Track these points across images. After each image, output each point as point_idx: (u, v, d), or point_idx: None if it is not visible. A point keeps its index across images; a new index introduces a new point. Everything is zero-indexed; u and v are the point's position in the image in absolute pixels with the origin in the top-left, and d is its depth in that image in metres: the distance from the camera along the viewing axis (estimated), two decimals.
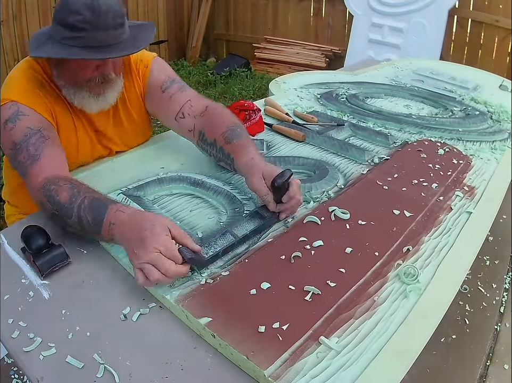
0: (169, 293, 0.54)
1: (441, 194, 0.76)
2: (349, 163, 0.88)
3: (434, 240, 0.65)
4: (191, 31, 3.58)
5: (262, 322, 0.49)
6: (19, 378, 0.75)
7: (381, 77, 1.47)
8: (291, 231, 0.65)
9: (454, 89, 1.35)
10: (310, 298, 0.53)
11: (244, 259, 0.60)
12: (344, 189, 0.77)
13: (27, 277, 0.59)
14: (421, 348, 0.49)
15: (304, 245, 0.62)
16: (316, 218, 0.67)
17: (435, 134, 1.01)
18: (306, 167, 0.86)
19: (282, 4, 3.36)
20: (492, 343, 0.55)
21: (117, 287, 0.58)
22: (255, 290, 0.54)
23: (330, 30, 3.22)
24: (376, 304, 0.54)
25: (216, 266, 0.59)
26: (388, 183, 0.78)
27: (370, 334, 0.49)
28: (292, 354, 0.46)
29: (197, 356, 0.49)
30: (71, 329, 0.52)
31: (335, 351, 0.47)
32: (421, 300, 0.54)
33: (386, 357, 0.47)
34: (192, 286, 0.55)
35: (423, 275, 0.58)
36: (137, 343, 0.50)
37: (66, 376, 0.46)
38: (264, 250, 0.61)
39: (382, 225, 0.66)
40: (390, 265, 0.59)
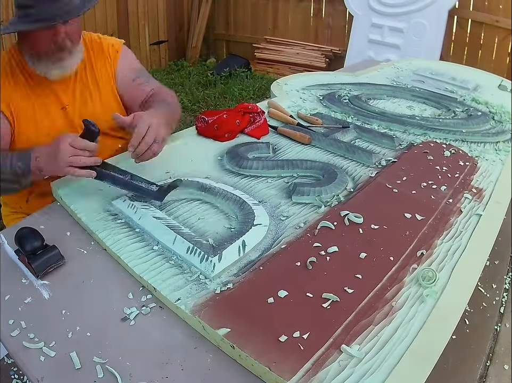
0: (184, 304, 0.53)
1: (450, 197, 0.77)
2: (357, 166, 0.88)
3: (447, 243, 0.65)
4: (191, 31, 3.57)
5: (282, 331, 0.49)
6: (19, 378, 0.75)
7: (382, 78, 1.48)
8: (305, 236, 0.65)
9: (455, 90, 1.36)
10: (329, 305, 0.52)
11: (258, 266, 0.59)
12: (354, 193, 0.77)
13: (27, 277, 0.59)
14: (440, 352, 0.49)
15: (319, 251, 0.61)
16: (329, 223, 0.67)
17: (439, 136, 1.02)
18: (314, 170, 0.85)
19: (282, 4, 3.36)
20: (492, 343, 0.55)
21: (117, 287, 0.58)
22: (273, 298, 0.53)
23: (330, 30, 3.22)
24: (394, 309, 0.54)
25: (230, 274, 0.59)
26: (397, 186, 0.78)
27: (390, 340, 0.49)
28: (314, 363, 0.46)
29: (197, 356, 0.49)
30: (71, 329, 0.52)
31: (357, 359, 0.47)
32: (439, 304, 0.55)
33: (408, 362, 0.47)
34: (207, 295, 0.55)
35: (439, 279, 0.58)
36: (137, 343, 0.50)
37: (66, 376, 0.46)
38: (278, 256, 0.61)
39: (395, 229, 0.67)
40: (405, 270, 0.59)
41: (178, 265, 0.60)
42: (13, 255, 0.63)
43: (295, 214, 0.72)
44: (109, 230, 0.66)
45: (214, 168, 0.87)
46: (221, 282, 0.57)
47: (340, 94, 1.29)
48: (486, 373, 0.52)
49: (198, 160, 0.88)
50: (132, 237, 0.65)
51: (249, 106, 1.08)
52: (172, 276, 0.58)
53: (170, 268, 0.59)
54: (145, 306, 0.55)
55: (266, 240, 0.65)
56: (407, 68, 1.61)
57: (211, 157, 0.90)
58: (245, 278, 0.57)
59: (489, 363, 0.53)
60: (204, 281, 0.57)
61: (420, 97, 1.29)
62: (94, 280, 0.59)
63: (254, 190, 0.79)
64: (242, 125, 1.03)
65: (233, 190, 0.76)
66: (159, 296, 0.56)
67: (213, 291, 0.55)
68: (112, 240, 0.64)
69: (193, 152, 0.91)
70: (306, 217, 0.71)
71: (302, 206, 0.74)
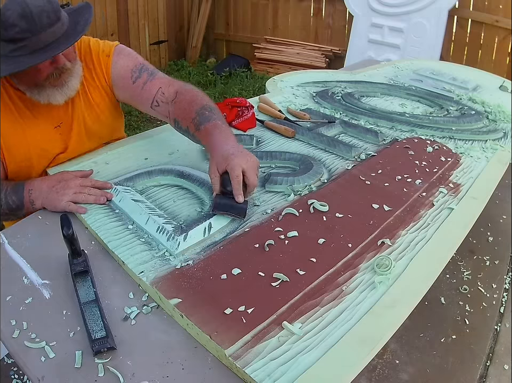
0: (146, 276, 0.56)
1: (424, 190, 0.76)
2: (335, 159, 0.89)
3: (411, 234, 0.65)
4: (191, 31, 3.62)
5: (228, 304, 0.50)
6: (19, 378, 0.76)
7: (380, 76, 1.47)
8: (268, 221, 0.66)
9: (452, 89, 1.34)
10: (278, 284, 0.54)
11: (219, 246, 0.61)
12: (327, 183, 0.78)
13: (28, 277, 0.59)
14: (387, 337, 0.50)
15: (279, 235, 0.63)
16: (294, 210, 0.68)
17: (426, 133, 1.01)
18: (292, 161, 0.86)
19: (282, 4, 3.37)
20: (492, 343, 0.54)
21: (118, 287, 0.58)
22: (226, 275, 0.55)
23: (330, 30, 3.21)
24: (343, 293, 0.54)
25: (193, 252, 0.61)
26: (371, 179, 0.78)
27: (334, 322, 0.50)
28: (254, 336, 0.47)
29: (198, 355, 0.49)
30: (72, 328, 0.52)
31: (297, 336, 0.48)
32: (390, 291, 0.55)
33: (347, 344, 0.47)
34: (168, 270, 0.57)
35: (396, 268, 0.58)
36: (138, 343, 0.50)
37: (67, 375, 0.47)
38: (240, 238, 0.63)
39: (359, 218, 0.67)
40: (362, 257, 0.60)
41: (147, 243, 0.63)
42: (14, 254, 0.64)
43: (264, 201, 0.73)
44: (91, 210, 0.71)
45: (197, 158, 0.89)
46: (183, 259, 0.59)
47: (334, 91, 1.30)
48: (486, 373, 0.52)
49: (181, 151, 0.91)
50: (111, 217, 0.69)
51: (238, 100, 1.10)
52: (140, 251, 0.61)
53: (140, 245, 0.63)
54: (146, 305, 0.55)
55: (233, 224, 0.67)
56: (408, 68, 1.59)
57: (194, 148, 0.93)
58: (204, 256, 0.59)
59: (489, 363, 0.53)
60: (168, 258, 0.60)
61: (414, 95, 1.27)
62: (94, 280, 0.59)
63: None
64: (229, 118, 1.06)
65: None
66: (126, 269, 0.59)
67: (174, 267, 0.58)
68: (92, 219, 0.68)
69: (178, 144, 0.94)
70: (274, 205, 0.72)
71: (273, 194, 0.76)
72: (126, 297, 0.57)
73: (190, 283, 0.54)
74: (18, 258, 0.63)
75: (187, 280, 0.55)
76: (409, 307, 0.53)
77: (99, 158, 0.87)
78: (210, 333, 0.47)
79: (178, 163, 0.85)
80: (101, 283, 0.59)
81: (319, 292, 0.54)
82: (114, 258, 0.63)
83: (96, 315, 0.53)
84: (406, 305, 0.53)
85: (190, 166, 0.84)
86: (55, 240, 0.66)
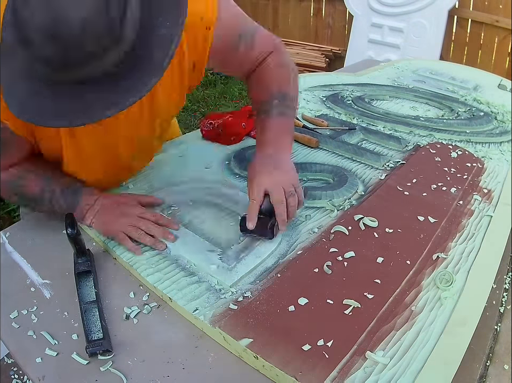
0: (202, 314, 0.52)
1: (460, 198, 0.77)
2: (365, 169, 0.88)
3: (460, 245, 0.66)
4: None
5: (305, 340, 0.48)
6: (19, 378, 0.75)
7: (383, 78, 1.48)
8: (320, 241, 0.65)
9: (455, 90, 1.37)
10: (350, 311, 0.53)
11: (275, 273, 0.59)
12: (366, 196, 0.78)
13: (28, 277, 0.59)
14: (462, 355, 0.50)
15: (336, 256, 0.61)
16: (343, 227, 0.67)
17: (444, 137, 1.03)
18: (324, 173, 0.85)
19: (282, 4, 3.34)
20: (492, 343, 0.55)
21: (118, 287, 0.58)
22: (293, 306, 0.53)
23: (330, 30, 3.22)
24: (414, 313, 0.54)
25: (248, 282, 0.58)
26: (408, 189, 0.79)
27: (413, 345, 0.50)
28: (340, 371, 0.46)
29: (198, 355, 0.49)
30: (72, 328, 0.52)
31: (382, 365, 0.47)
32: (458, 307, 0.55)
33: (433, 368, 0.47)
34: (225, 305, 0.54)
35: (456, 282, 0.59)
36: (138, 343, 0.50)
37: (68, 375, 0.46)
38: (295, 263, 0.61)
39: (409, 232, 0.67)
40: (422, 274, 0.60)
41: (192, 273, 0.59)
42: (14, 254, 0.62)
43: (308, 218, 0.72)
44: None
45: (222, 173, 0.86)
46: (239, 291, 0.56)
47: (343, 95, 1.29)
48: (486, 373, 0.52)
49: (205, 165, 0.88)
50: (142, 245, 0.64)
51: None
52: (187, 285, 0.57)
53: (185, 277, 0.58)
54: (146, 304, 0.55)
55: (282, 246, 0.65)
56: (407, 68, 1.62)
57: (218, 162, 0.90)
58: (263, 286, 0.57)
59: (489, 363, 0.54)
60: (221, 290, 0.56)
61: (422, 97, 1.29)
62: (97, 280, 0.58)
63: None
64: (248, 128, 1.03)
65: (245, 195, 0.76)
66: (175, 306, 0.55)
67: (232, 301, 0.54)
68: (121, 250, 0.63)
69: (200, 157, 0.91)
70: (320, 222, 0.70)
71: (315, 210, 0.74)
72: (127, 296, 0.56)
73: (256, 319, 0.51)
74: (19, 258, 0.62)
75: (253, 316, 0.52)
76: (475, 322, 0.54)
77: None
78: (295, 374, 0.45)
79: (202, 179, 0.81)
80: (102, 282, 0.59)
81: (391, 315, 0.53)
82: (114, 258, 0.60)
83: (95, 316, 0.52)
84: (473, 320, 0.54)
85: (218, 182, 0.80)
86: (55, 240, 0.65)
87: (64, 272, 0.59)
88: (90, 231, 0.67)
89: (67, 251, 0.59)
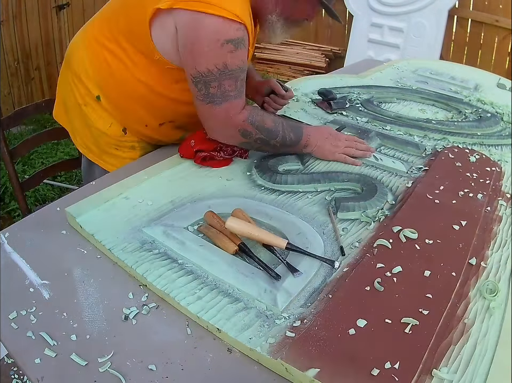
0: (259, 345, 0.50)
1: (487, 204, 0.79)
2: (390, 176, 0.89)
3: (496, 253, 0.68)
4: None
5: (372, 364, 0.48)
6: (19, 378, 0.76)
7: (386, 79, 1.50)
8: (364, 257, 0.65)
9: (458, 90, 1.40)
10: (410, 330, 0.53)
11: (326, 294, 0.58)
12: (397, 206, 0.78)
13: (27, 277, 0.59)
14: None
15: (384, 272, 0.62)
16: (385, 241, 0.67)
17: (458, 140, 1.05)
18: (352, 183, 0.85)
19: None
20: None
21: (117, 287, 0.58)
22: (354, 329, 0.52)
23: (330, 30, 3.22)
24: (467, 326, 0.55)
25: (298, 305, 0.56)
26: (437, 197, 0.80)
27: (472, 359, 0.51)
28: None
29: (197, 356, 0.49)
30: (71, 329, 0.52)
31: (448, 382, 0.48)
32: (507, 317, 0.57)
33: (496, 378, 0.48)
34: (281, 333, 0.52)
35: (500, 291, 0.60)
36: (137, 344, 0.50)
37: (67, 376, 0.46)
38: (344, 282, 0.61)
39: (448, 242, 0.68)
40: (467, 284, 0.61)
41: (237, 299, 0.57)
42: (13, 254, 0.63)
43: (346, 231, 0.72)
44: (147, 263, 0.61)
45: (246, 185, 0.85)
46: (292, 316, 0.55)
47: (350, 98, 1.30)
48: None
49: (226, 177, 0.85)
50: (177, 270, 0.61)
51: None
52: (235, 313, 0.55)
53: (230, 305, 0.56)
54: (145, 305, 0.55)
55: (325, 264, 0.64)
56: (407, 69, 1.64)
57: (238, 173, 0.88)
58: (316, 309, 0.56)
59: None
60: (272, 316, 0.55)
61: (428, 99, 1.32)
62: (94, 280, 0.59)
63: (295, 207, 0.78)
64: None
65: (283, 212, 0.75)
66: (224, 337, 0.52)
67: (287, 328, 0.53)
68: (154, 275, 0.59)
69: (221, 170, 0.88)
70: (358, 235, 0.71)
71: (350, 222, 0.74)
72: (125, 297, 0.57)
73: (318, 346, 0.50)
74: (18, 258, 0.63)
75: (313, 343, 0.50)
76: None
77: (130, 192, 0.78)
78: None
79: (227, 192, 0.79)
80: (101, 283, 0.59)
81: (447, 329, 0.54)
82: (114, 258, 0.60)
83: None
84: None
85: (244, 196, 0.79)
86: (54, 241, 0.66)
87: (63, 272, 0.60)
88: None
89: (66, 252, 0.61)
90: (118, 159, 0.95)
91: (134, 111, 0.91)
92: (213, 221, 0.70)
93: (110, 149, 0.94)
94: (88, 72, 0.88)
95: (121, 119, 0.92)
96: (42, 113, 1.32)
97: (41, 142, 1.25)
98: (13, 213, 1.74)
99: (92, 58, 0.88)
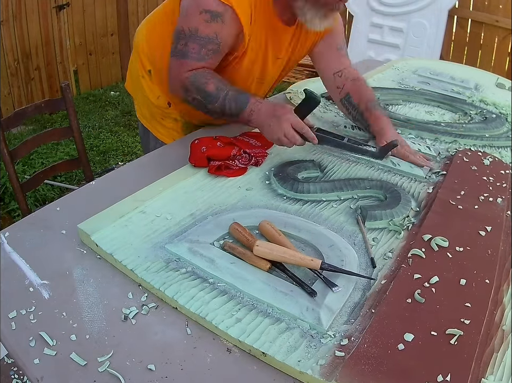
0: (309, 368, 0.49)
1: (507, 209, 0.82)
2: (409, 182, 0.91)
3: None
4: None
5: (425, 378, 0.49)
6: (19, 378, 0.76)
7: (388, 81, 1.51)
8: (400, 267, 0.66)
9: (460, 90, 1.43)
10: (455, 341, 0.54)
11: (368, 309, 0.59)
12: (422, 212, 0.80)
13: (27, 277, 0.60)
14: None
15: (422, 283, 0.63)
16: (419, 250, 0.68)
17: (468, 143, 1.08)
18: (375, 190, 0.86)
19: None
20: None
21: (117, 287, 0.58)
22: (402, 344, 0.53)
23: None
24: (506, 333, 0.57)
25: (341, 322, 0.56)
26: (459, 202, 0.82)
27: None
28: None
29: (197, 356, 0.49)
30: (70, 329, 0.52)
31: None
32: None
33: None
34: (330, 353, 0.51)
35: None
36: (136, 343, 0.51)
37: (66, 376, 0.47)
38: (385, 295, 0.61)
39: (477, 249, 0.70)
40: (501, 291, 0.63)
41: (279, 320, 0.55)
42: (13, 254, 0.63)
43: (376, 241, 0.72)
44: (176, 284, 0.58)
45: (267, 195, 0.84)
46: (338, 334, 0.54)
47: None
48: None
49: (245, 187, 0.84)
50: (209, 290, 0.58)
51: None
52: (279, 335, 0.53)
53: (272, 326, 0.54)
54: (145, 305, 0.56)
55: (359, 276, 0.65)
56: (407, 69, 1.66)
57: (257, 182, 0.87)
58: (361, 325, 0.56)
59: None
60: (317, 335, 0.54)
61: (433, 100, 1.34)
62: (93, 280, 0.59)
63: (321, 217, 0.78)
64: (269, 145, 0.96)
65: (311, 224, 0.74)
66: (271, 361, 0.51)
67: (335, 347, 0.52)
68: (185, 297, 0.56)
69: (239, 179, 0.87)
70: (389, 245, 0.72)
71: (379, 231, 0.75)
72: (125, 297, 0.57)
73: (370, 364, 0.50)
74: (18, 258, 0.63)
75: (365, 362, 0.50)
76: None
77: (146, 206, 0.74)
78: None
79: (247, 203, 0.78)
80: (100, 283, 0.59)
81: (488, 337, 0.56)
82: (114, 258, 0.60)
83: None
84: None
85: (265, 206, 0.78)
86: (54, 240, 0.66)
87: (63, 272, 0.60)
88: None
89: (66, 252, 0.61)
90: (164, 128, 1.08)
91: None
92: (240, 236, 0.68)
93: (158, 118, 1.07)
94: (144, 48, 1.02)
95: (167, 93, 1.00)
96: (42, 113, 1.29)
97: (41, 142, 1.22)
98: (13, 213, 1.72)
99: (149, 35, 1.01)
